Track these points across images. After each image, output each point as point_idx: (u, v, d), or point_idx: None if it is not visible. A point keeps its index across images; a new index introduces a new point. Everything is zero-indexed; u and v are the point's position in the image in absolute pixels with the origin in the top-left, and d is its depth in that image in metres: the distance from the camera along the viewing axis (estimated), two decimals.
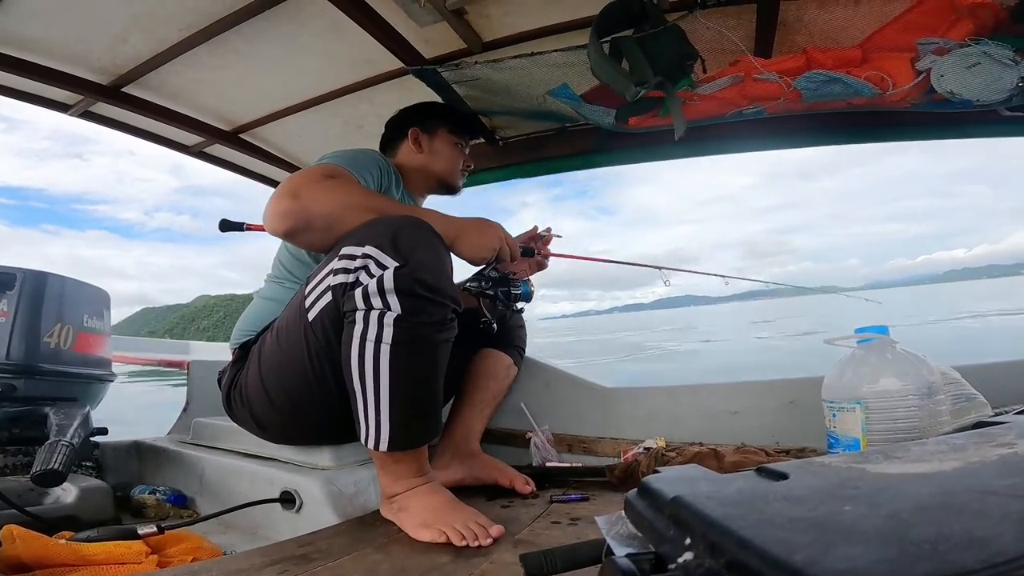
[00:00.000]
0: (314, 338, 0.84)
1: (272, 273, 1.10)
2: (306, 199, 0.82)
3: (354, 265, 0.76)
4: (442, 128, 1.21)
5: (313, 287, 0.83)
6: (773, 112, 1.26)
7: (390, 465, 0.83)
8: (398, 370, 0.76)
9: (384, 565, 0.67)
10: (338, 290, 0.78)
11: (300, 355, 0.86)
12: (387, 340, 0.75)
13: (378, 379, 0.76)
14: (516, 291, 1.09)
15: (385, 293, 0.74)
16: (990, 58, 0.99)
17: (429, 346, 0.79)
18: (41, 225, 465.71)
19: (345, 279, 0.77)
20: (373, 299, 0.75)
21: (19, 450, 1.18)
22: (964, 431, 0.45)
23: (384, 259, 0.75)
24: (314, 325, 0.83)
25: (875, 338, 0.85)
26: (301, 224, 0.82)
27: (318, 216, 0.82)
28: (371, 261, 0.75)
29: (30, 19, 1.17)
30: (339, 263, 0.78)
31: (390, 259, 0.75)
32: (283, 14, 1.18)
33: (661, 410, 1.28)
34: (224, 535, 1.02)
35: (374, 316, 0.75)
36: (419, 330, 0.76)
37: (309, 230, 0.83)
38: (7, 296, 1.29)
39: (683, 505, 0.31)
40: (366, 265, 0.75)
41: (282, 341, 0.90)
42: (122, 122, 1.59)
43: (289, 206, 0.82)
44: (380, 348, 0.75)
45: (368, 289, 0.75)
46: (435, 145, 1.20)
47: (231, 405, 1.03)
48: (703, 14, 1.12)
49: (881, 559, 0.21)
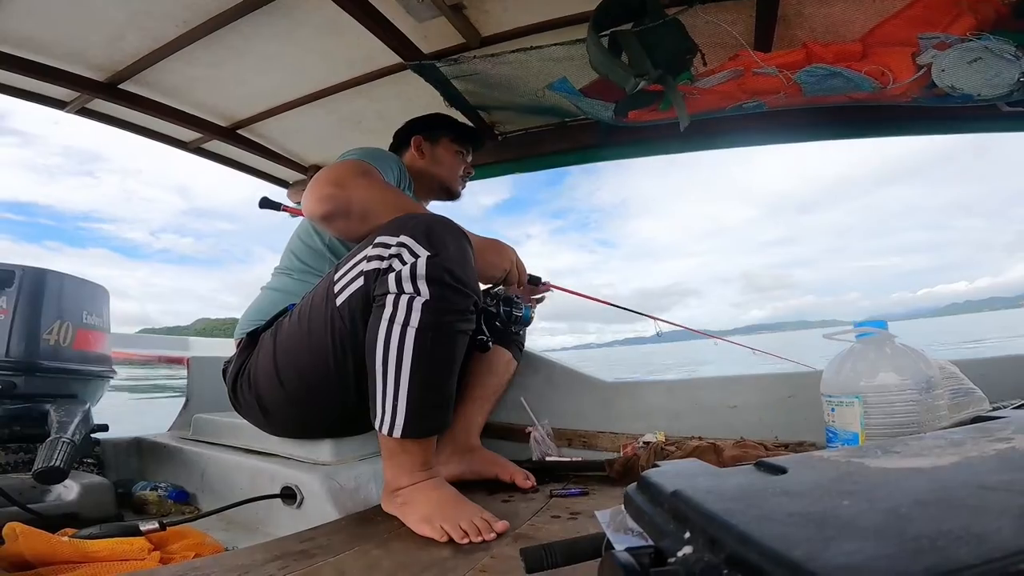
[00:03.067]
0: (340, 323, 0.86)
1: (281, 266, 1.14)
2: (349, 188, 0.87)
3: (388, 252, 0.80)
4: (445, 136, 1.29)
5: (344, 272, 0.86)
6: (773, 106, 1.26)
7: (398, 456, 0.83)
8: (420, 354, 0.79)
9: (385, 560, 0.68)
10: (371, 275, 0.82)
11: (323, 339, 0.88)
12: (414, 324, 0.78)
13: (400, 361, 0.79)
14: (518, 313, 1.13)
15: (416, 279, 0.78)
16: (991, 53, 0.98)
17: (450, 334, 0.82)
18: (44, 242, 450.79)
19: (379, 265, 0.80)
20: (405, 284, 0.78)
21: (20, 447, 1.18)
22: (962, 426, 0.46)
23: (418, 248, 0.79)
24: (341, 309, 0.86)
25: (874, 332, 0.85)
26: (341, 210, 0.86)
27: (357, 204, 0.87)
28: (405, 250, 0.79)
29: (27, 17, 1.16)
30: (373, 250, 0.82)
31: (423, 249, 0.79)
32: (280, 10, 1.17)
33: (660, 405, 1.29)
34: (226, 531, 1.02)
35: (404, 300, 0.78)
36: (443, 317, 0.79)
37: (346, 217, 0.87)
38: (6, 293, 1.29)
39: (682, 499, 0.31)
40: (400, 253, 0.79)
41: (305, 324, 0.92)
42: (119, 119, 1.59)
43: (333, 192, 0.86)
44: (406, 331, 0.78)
45: (401, 274, 0.78)
46: (437, 152, 1.28)
47: (237, 394, 1.04)
48: (703, 8, 1.12)
49: (880, 554, 0.21)
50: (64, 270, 2.08)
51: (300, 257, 1.10)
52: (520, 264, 1.05)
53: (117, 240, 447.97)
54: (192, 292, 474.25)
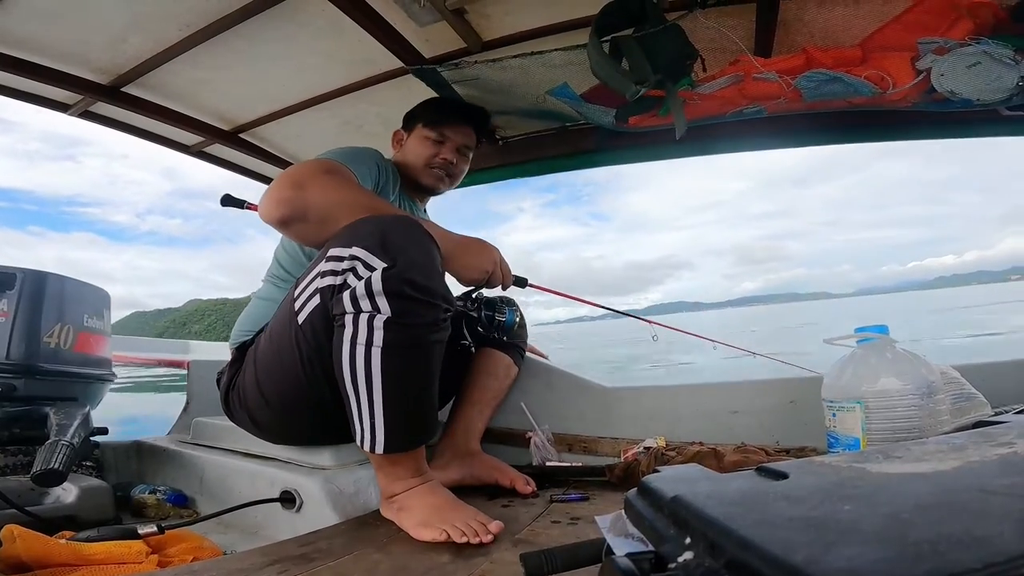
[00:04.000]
0: (305, 341, 0.83)
1: (269, 273, 1.10)
2: (307, 189, 0.81)
3: (341, 267, 0.75)
4: (418, 123, 1.19)
5: (302, 289, 0.82)
6: (773, 111, 1.26)
7: (387, 467, 0.82)
8: (390, 373, 0.74)
9: (384, 564, 0.67)
10: (326, 293, 0.77)
11: (292, 358, 0.85)
12: (378, 343, 0.73)
13: (370, 383, 0.74)
14: (501, 318, 1.06)
15: (374, 295, 0.72)
16: (990, 57, 0.99)
17: (421, 347, 0.77)
18: (27, 227, 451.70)
19: (333, 281, 0.75)
20: (362, 302, 0.73)
21: (19, 450, 1.18)
22: (964, 431, 0.45)
23: (372, 260, 0.73)
24: (304, 328, 0.82)
25: (875, 338, 0.85)
26: (297, 214, 0.81)
27: (314, 208, 0.81)
28: (358, 263, 0.73)
29: (30, 19, 1.17)
30: (326, 265, 0.76)
31: (378, 260, 0.73)
32: (283, 14, 1.18)
33: (661, 410, 1.28)
34: (224, 535, 1.02)
35: (363, 319, 0.73)
36: (410, 331, 0.75)
37: (303, 221, 0.81)
38: (7, 296, 1.29)
39: (683, 504, 0.31)
40: (353, 267, 0.74)
41: (274, 343, 0.90)
42: (122, 122, 1.59)
43: (288, 195, 0.81)
44: (371, 352, 0.74)
45: (356, 292, 0.73)
46: (409, 141, 1.20)
47: (230, 406, 1.03)
48: (703, 13, 1.12)
49: (881, 559, 0.21)
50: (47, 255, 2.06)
51: (283, 264, 1.06)
52: (504, 265, 0.99)
53: (102, 224, 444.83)
54: (182, 273, 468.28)
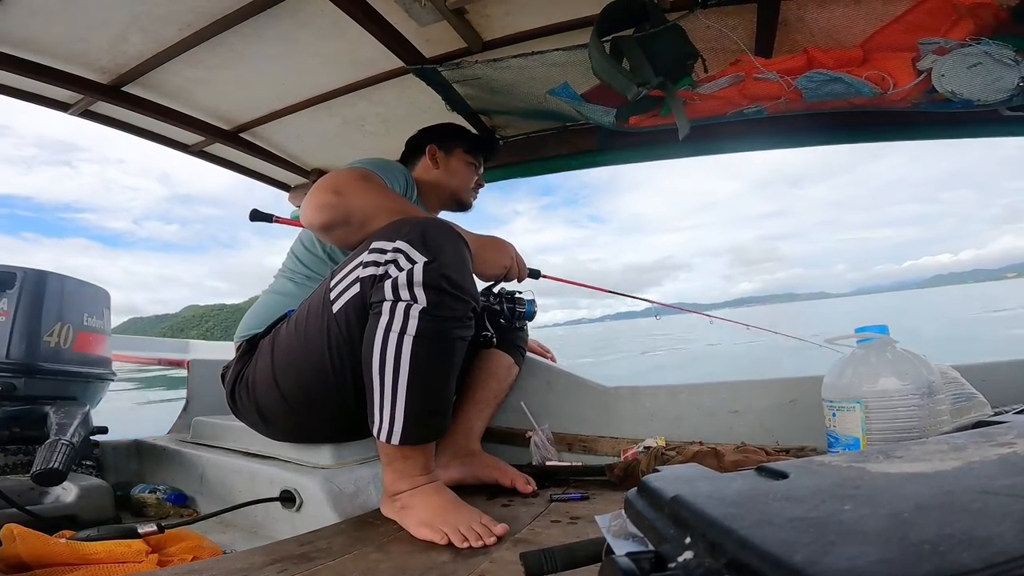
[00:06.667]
0: (336, 330, 0.85)
1: (284, 268, 1.13)
2: (347, 195, 0.86)
3: (384, 258, 0.79)
4: (459, 148, 1.27)
5: (340, 279, 0.85)
6: (774, 112, 1.26)
7: (398, 462, 0.83)
8: (417, 362, 0.78)
9: (384, 564, 0.67)
10: (367, 282, 0.81)
11: (320, 347, 0.87)
12: (411, 332, 0.77)
13: (398, 370, 0.78)
14: (521, 309, 1.16)
15: (413, 286, 0.77)
16: (991, 58, 0.99)
17: (448, 341, 0.81)
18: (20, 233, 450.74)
19: (375, 271, 0.79)
20: (401, 291, 0.77)
21: (19, 449, 1.18)
22: (964, 430, 0.45)
23: (414, 254, 0.77)
24: (338, 317, 0.85)
25: (875, 337, 0.85)
26: (340, 218, 0.85)
27: (357, 212, 0.86)
28: (401, 255, 0.78)
29: (30, 18, 1.17)
30: (369, 256, 0.80)
31: (419, 255, 0.77)
32: (283, 13, 1.18)
33: (661, 409, 1.28)
34: (224, 534, 1.02)
35: (400, 308, 0.77)
36: (441, 324, 0.79)
37: (346, 225, 0.86)
38: (7, 295, 1.29)
39: (683, 504, 0.31)
40: (396, 259, 0.78)
41: (300, 332, 0.91)
42: (122, 121, 1.59)
43: (332, 200, 0.85)
44: (403, 339, 0.77)
45: (397, 281, 0.77)
46: (451, 163, 1.27)
47: (235, 399, 1.03)
48: (704, 13, 1.12)
49: (881, 559, 0.21)
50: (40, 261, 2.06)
51: (302, 260, 1.09)
52: (519, 259, 1.06)
53: (98, 229, 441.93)
54: (179, 279, 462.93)
